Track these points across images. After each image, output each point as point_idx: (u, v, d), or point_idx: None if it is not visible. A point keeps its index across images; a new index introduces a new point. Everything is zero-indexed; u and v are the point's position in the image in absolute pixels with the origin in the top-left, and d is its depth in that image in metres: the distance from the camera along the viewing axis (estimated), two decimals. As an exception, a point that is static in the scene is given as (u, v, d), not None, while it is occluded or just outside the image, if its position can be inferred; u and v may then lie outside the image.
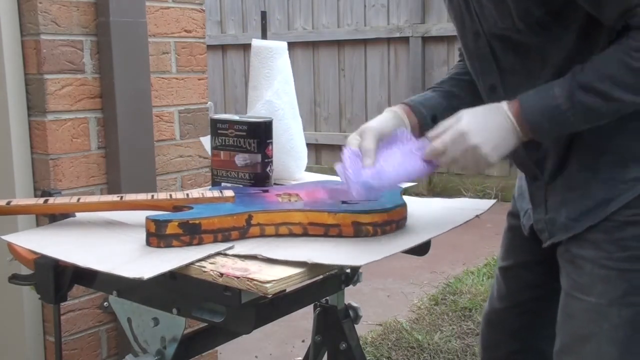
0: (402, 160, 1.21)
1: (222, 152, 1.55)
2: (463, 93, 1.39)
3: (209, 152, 1.64)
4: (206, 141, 1.74)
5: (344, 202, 1.27)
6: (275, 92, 1.68)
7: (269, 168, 1.52)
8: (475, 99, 1.31)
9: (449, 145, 1.18)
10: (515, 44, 1.20)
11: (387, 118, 1.31)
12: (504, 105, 1.15)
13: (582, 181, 1.21)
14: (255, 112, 1.67)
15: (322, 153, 6.11)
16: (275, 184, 1.59)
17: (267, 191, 1.41)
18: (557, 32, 1.15)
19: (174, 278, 1.10)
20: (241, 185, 1.52)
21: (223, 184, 1.54)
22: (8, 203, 1.29)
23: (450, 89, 1.41)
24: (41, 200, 1.30)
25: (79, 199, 1.31)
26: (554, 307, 1.31)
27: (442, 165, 1.20)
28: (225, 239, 1.17)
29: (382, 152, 1.23)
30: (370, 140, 1.22)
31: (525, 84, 1.18)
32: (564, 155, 1.22)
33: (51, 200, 1.31)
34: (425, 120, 1.34)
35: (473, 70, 1.32)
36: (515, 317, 1.49)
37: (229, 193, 1.32)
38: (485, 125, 1.15)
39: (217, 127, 1.54)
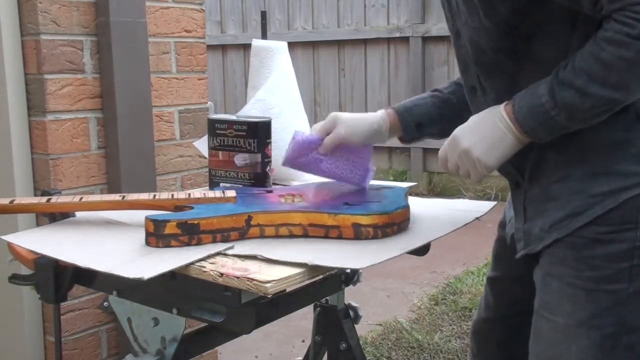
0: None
1: (220, 152, 1.54)
2: (459, 101, 1.37)
3: (205, 154, 1.64)
4: (201, 145, 1.73)
5: (346, 204, 1.27)
6: (269, 90, 1.65)
7: (268, 168, 1.52)
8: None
9: (448, 152, 1.17)
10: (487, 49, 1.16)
11: (366, 118, 1.38)
12: (501, 106, 1.11)
13: (557, 192, 1.13)
14: (244, 112, 1.64)
15: (322, 153, 6.10)
16: (275, 184, 1.59)
17: (271, 192, 1.41)
18: (525, 34, 1.11)
19: (174, 278, 1.10)
20: (241, 185, 1.52)
21: (222, 184, 1.54)
22: (11, 202, 1.29)
23: (448, 95, 1.40)
24: (44, 199, 1.30)
25: (81, 198, 1.31)
26: None
27: (451, 171, 1.19)
28: (225, 240, 1.17)
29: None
30: (337, 132, 1.36)
31: (503, 86, 1.14)
32: (540, 163, 1.16)
33: (53, 199, 1.31)
34: (407, 126, 1.39)
35: (459, 71, 1.28)
36: (501, 328, 1.45)
37: (230, 193, 1.31)
38: (477, 129, 1.13)
39: (215, 127, 1.54)
